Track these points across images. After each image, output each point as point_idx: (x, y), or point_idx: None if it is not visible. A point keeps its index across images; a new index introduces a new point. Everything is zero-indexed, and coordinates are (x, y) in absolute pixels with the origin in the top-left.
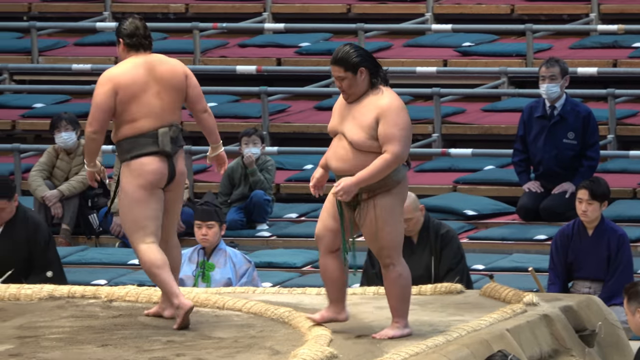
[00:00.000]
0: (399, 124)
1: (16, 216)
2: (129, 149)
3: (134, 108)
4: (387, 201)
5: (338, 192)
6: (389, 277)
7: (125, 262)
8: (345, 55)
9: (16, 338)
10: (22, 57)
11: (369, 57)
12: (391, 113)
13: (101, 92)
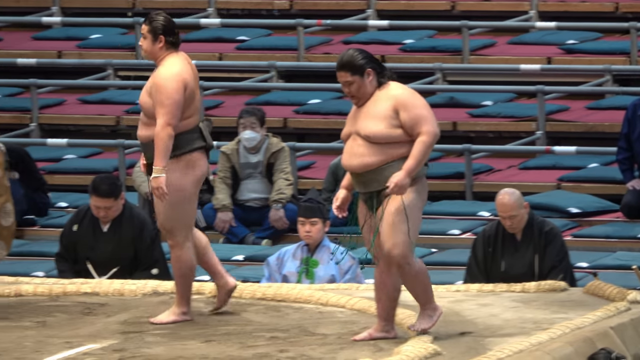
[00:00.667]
0: (420, 105)
1: (122, 214)
2: (182, 144)
3: (192, 104)
4: (411, 197)
5: (392, 189)
6: (408, 275)
7: (229, 258)
8: (350, 59)
9: (120, 333)
10: (126, 53)
11: (373, 59)
12: (408, 97)
13: (176, 88)
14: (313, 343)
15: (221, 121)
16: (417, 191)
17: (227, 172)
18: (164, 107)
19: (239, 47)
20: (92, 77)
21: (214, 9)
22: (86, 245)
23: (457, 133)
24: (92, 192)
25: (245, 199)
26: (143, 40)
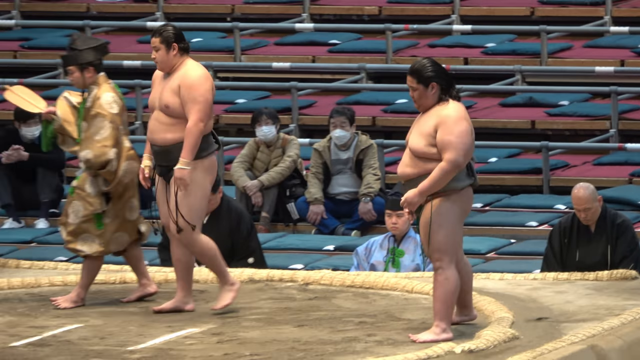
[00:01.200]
0: (455, 132)
1: (220, 207)
2: (206, 147)
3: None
4: (443, 207)
5: (402, 203)
6: (437, 279)
7: (320, 248)
8: (420, 68)
9: (218, 318)
10: (225, 56)
11: (443, 74)
12: (449, 121)
13: (208, 88)
14: (399, 327)
15: (314, 120)
16: (450, 201)
17: (319, 168)
18: (198, 104)
19: (331, 50)
20: None
21: (307, 14)
22: None
23: (535, 131)
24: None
25: (336, 192)
26: (156, 52)
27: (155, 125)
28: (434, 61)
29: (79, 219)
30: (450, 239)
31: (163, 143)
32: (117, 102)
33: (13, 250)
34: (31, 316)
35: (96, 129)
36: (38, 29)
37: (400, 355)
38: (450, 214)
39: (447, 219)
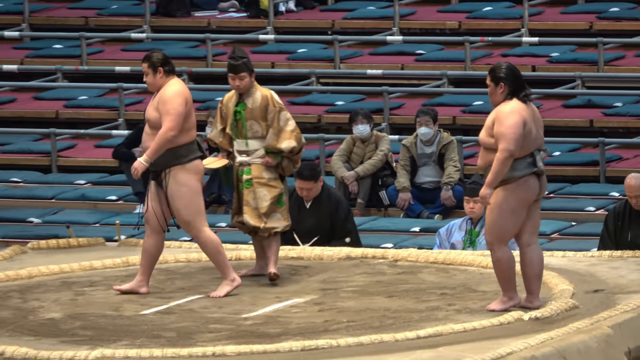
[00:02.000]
0: (506, 124)
1: (321, 194)
2: (186, 154)
3: (191, 119)
4: (499, 195)
5: (478, 201)
6: (492, 259)
7: (408, 230)
8: (495, 68)
9: (320, 290)
10: (326, 64)
11: (513, 78)
12: (502, 114)
13: (180, 102)
14: (475, 298)
15: (402, 119)
16: (507, 190)
17: (406, 161)
18: (170, 115)
19: (418, 59)
20: (299, 83)
21: (397, 28)
22: (293, 219)
23: (593, 129)
24: (297, 176)
25: (421, 182)
26: (146, 76)
27: (144, 135)
28: (510, 66)
29: (267, 202)
30: (503, 226)
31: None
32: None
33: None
34: (159, 288)
35: (284, 122)
36: (166, 41)
37: (476, 322)
38: (505, 202)
39: (500, 206)
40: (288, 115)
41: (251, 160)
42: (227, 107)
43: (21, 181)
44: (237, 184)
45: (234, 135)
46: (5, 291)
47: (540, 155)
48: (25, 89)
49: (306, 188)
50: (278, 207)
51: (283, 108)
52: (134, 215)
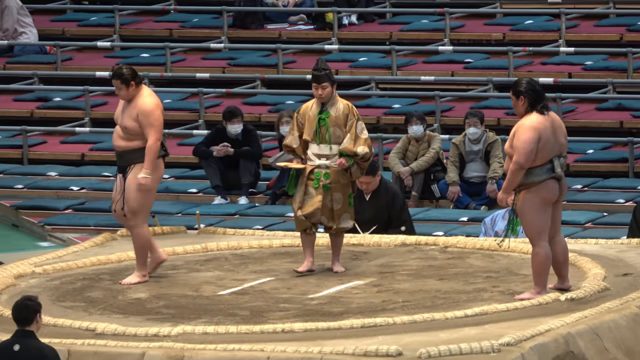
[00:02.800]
0: (521, 139)
1: (379, 187)
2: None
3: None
4: (524, 198)
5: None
6: (531, 254)
7: (457, 219)
8: (516, 83)
9: (378, 273)
10: (384, 71)
11: (532, 92)
12: (521, 129)
13: (159, 113)
14: (517, 281)
15: (452, 120)
16: (530, 193)
17: (456, 157)
18: (154, 127)
19: (466, 67)
20: (360, 88)
21: (448, 39)
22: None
23: (622, 129)
24: None
25: (469, 176)
26: (119, 91)
27: (115, 135)
28: (530, 81)
29: (341, 204)
30: (534, 223)
31: (119, 149)
32: None
33: (221, 221)
34: (234, 271)
35: (360, 130)
36: (241, 50)
37: (518, 302)
38: (530, 203)
39: (528, 208)
40: (363, 125)
41: (330, 164)
42: (306, 116)
43: (112, 175)
44: (306, 182)
45: (317, 141)
46: (97, 274)
47: (560, 162)
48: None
49: (365, 182)
50: (349, 208)
51: (360, 118)
52: (213, 206)
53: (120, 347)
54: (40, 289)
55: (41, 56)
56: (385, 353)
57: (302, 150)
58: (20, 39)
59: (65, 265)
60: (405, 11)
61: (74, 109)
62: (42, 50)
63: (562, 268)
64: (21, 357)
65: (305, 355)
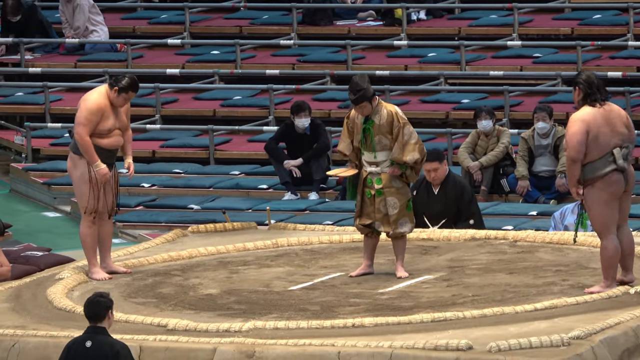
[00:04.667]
0: (569, 132)
1: (448, 181)
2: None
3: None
4: (590, 192)
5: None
6: (600, 247)
7: (526, 213)
8: (576, 76)
9: (447, 268)
10: (453, 67)
11: (588, 85)
12: (570, 122)
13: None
14: (586, 274)
15: (521, 115)
16: (595, 188)
17: (525, 152)
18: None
19: (535, 62)
20: (429, 84)
21: (516, 34)
22: (422, 203)
23: None
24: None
25: (538, 170)
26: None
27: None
28: (589, 74)
29: (397, 209)
30: (600, 218)
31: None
32: None
33: (291, 216)
34: (305, 267)
35: (409, 135)
36: (310, 47)
37: (588, 295)
38: (596, 197)
39: (594, 202)
40: (411, 129)
41: (381, 170)
42: (354, 123)
43: (182, 172)
44: (362, 190)
45: (362, 149)
46: (169, 270)
47: (622, 153)
48: (186, 90)
49: (433, 169)
50: (407, 212)
51: (407, 123)
52: (283, 202)
53: (191, 343)
54: (112, 285)
55: (112, 54)
56: (455, 347)
57: (355, 157)
58: (91, 37)
59: (136, 262)
60: (474, 6)
61: (144, 106)
62: (113, 48)
63: (627, 260)
64: (93, 354)
65: (376, 350)
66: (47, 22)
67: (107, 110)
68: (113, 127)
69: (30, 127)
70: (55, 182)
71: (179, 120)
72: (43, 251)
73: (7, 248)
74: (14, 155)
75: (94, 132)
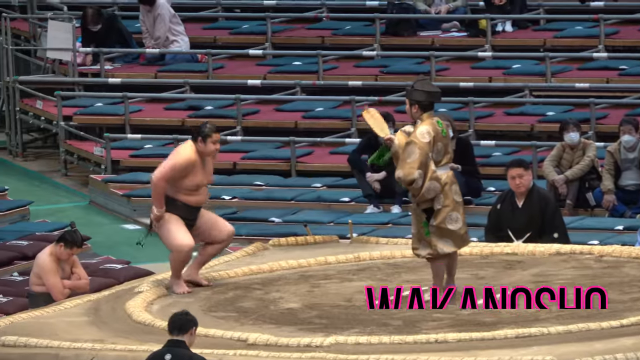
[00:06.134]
0: None
1: (532, 194)
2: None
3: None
4: None
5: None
6: None
7: (612, 228)
8: None
9: (532, 283)
10: (538, 78)
11: None
12: None
13: None
14: None
15: (607, 128)
16: None
17: (611, 166)
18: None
19: (621, 74)
20: (514, 96)
21: (602, 45)
22: (506, 217)
23: None
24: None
25: (624, 184)
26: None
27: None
28: None
29: (416, 229)
30: None
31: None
32: (430, 134)
33: (373, 230)
34: (387, 281)
35: (408, 154)
36: (393, 58)
37: None
38: None
39: None
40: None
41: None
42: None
43: (264, 184)
44: None
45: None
46: (249, 284)
47: None
48: (267, 102)
49: (517, 174)
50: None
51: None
52: (365, 215)
53: (272, 358)
54: (192, 298)
55: (192, 64)
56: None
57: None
58: (171, 47)
59: (217, 275)
60: (559, 17)
61: (225, 118)
62: (194, 59)
63: None
64: None
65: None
66: (127, 32)
67: (197, 165)
68: (201, 183)
69: (110, 138)
70: (135, 194)
71: (260, 132)
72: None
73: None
74: (93, 166)
75: (181, 188)
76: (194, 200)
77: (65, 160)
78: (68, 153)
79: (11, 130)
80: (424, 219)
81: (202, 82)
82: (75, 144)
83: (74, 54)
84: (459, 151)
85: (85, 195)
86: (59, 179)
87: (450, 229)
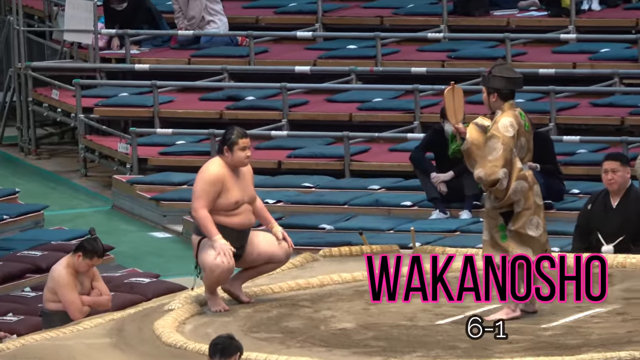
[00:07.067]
0: None
1: (629, 194)
2: None
3: None
4: None
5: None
6: None
7: None
8: None
9: (622, 299)
10: (630, 64)
11: None
12: None
13: None
14: None
15: None
16: None
17: None
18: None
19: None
20: (602, 84)
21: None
22: (598, 219)
23: None
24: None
25: None
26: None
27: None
28: None
29: (489, 235)
30: None
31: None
32: (514, 127)
33: (439, 238)
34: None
35: (489, 150)
36: (463, 41)
37: None
38: None
39: None
40: (498, 144)
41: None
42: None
43: (313, 186)
44: None
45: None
46: (297, 300)
47: None
48: (317, 91)
49: (611, 169)
50: (500, 240)
51: (497, 136)
52: (430, 222)
53: None
54: (230, 317)
55: (231, 48)
56: None
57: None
58: (207, 28)
59: (259, 290)
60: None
61: (269, 110)
62: (233, 42)
63: None
64: None
65: None
66: (156, 11)
67: (229, 179)
68: (240, 200)
69: (136, 133)
70: (164, 197)
71: (309, 126)
72: (150, 277)
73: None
74: (117, 165)
75: (218, 209)
76: (237, 222)
77: (85, 158)
78: (88, 150)
79: (23, 124)
80: (501, 222)
81: (243, 68)
82: (96, 140)
83: (95, 36)
84: (538, 148)
85: (107, 199)
86: (77, 180)
87: (530, 235)
